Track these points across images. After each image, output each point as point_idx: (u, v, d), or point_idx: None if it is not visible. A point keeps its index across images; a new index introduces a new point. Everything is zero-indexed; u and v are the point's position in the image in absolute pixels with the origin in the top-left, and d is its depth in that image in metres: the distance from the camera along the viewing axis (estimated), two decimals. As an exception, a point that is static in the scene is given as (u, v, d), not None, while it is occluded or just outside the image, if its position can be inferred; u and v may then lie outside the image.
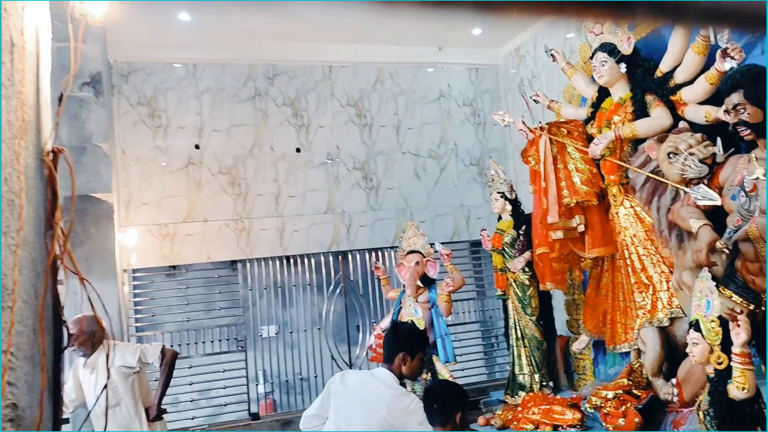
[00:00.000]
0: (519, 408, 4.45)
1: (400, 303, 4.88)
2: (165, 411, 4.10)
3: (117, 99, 5.82)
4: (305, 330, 6.24)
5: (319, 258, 6.35)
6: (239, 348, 5.97)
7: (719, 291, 2.74)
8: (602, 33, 4.23)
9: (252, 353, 6.03)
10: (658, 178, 3.66)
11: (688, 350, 2.69)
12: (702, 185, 3.37)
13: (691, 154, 3.46)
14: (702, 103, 3.72)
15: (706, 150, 3.46)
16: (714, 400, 2.53)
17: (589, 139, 4.33)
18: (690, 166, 3.45)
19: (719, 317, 2.55)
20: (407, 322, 4.30)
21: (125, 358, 3.85)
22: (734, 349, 2.42)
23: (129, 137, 5.84)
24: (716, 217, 3.31)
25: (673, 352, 3.81)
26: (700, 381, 2.91)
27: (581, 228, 4.31)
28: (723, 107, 3.23)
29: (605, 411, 3.78)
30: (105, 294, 4.64)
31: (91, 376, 3.83)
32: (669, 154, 3.56)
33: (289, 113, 6.37)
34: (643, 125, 3.95)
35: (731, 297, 3.15)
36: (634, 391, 3.81)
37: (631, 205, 4.14)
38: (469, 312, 6.80)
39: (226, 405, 5.89)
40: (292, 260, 6.27)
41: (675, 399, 3.40)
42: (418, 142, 6.80)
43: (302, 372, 6.17)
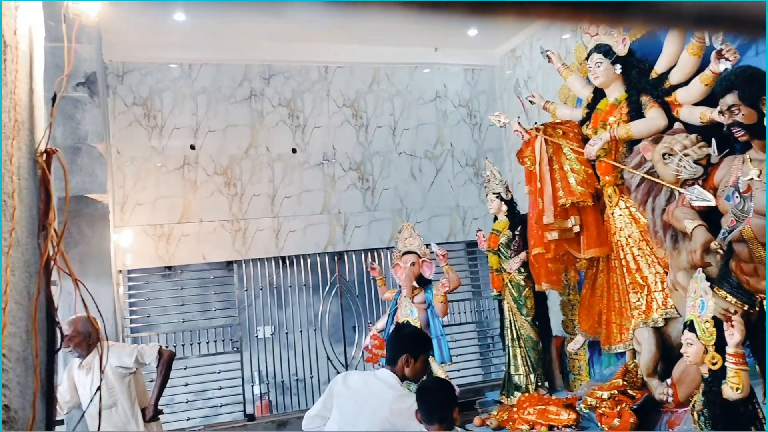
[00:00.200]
0: (514, 408, 4.45)
1: (396, 304, 4.87)
2: (161, 412, 4.09)
3: (112, 99, 5.81)
4: (301, 331, 6.23)
5: (315, 259, 6.35)
6: (235, 349, 5.96)
7: (714, 291, 2.75)
8: (598, 34, 4.24)
9: (248, 354, 6.03)
10: (653, 179, 3.67)
11: (683, 350, 2.70)
12: (697, 186, 3.38)
13: (686, 155, 3.47)
14: (697, 105, 3.73)
15: (701, 151, 3.47)
16: (708, 401, 2.54)
17: (585, 140, 4.34)
18: (685, 167, 3.46)
19: (713, 318, 2.56)
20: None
21: (122, 359, 3.84)
22: (728, 350, 2.42)
23: (124, 138, 5.83)
24: (711, 218, 3.32)
25: (668, 353, 3.82)
26: (695, 381, 2.92)
27: (576, 229, 4.32)
28: (717, 108, 3.24)
29: (600, 411, 3.78)
30: (100, 295, 4.65)
31: (87, 377, 3.81)
32: (664, 155, 3.57)
33: (285, 114, 6.37)
34: (639, 126, 3.96)
35: (726, 297, 3.16)
36: (629, 392, 3.81)
37: (626, 206, 4.14)
38: (465, 312, 6.81)
39: (222, 406, 5.88)
40: (288, 261, 6.26)
41: (670, 399, 3.41)
42: (414, 143, 6.80)
43: (298, 373, 6.17)
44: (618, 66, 4.12)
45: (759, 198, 2.94)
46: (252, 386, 6.04)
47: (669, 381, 3.39)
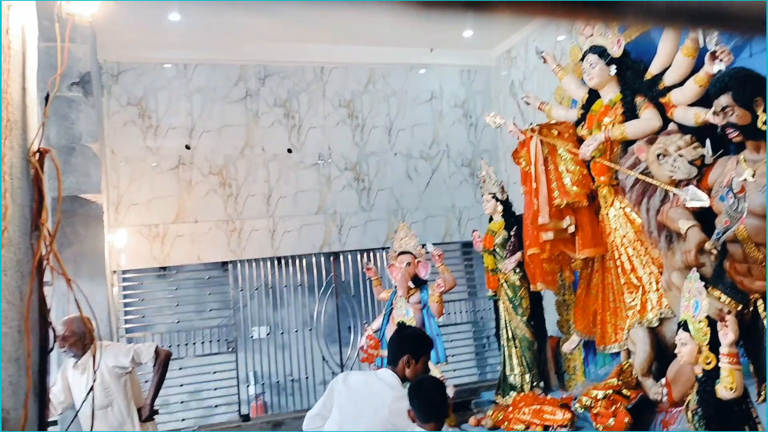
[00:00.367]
0: (510, 408, 4.46)
1: (392, 304, 4.87)
2: (157, 412, 4.08)
3: (107, 99, 5.80)
4: (296, 331, 6.23)
5: (311, 259, 6.35)
6: (230, 349, 5.95)
7: (708, 291, 2.76)
8: (592, 35, 4.25)
9: (243, 354, 6.02)
10: (648, 180, 3.67)
11: (677, 350, 2.70)
12: (691, 186, 3.38)
13: (680, 156, 3.48)
14: (691, 105, 3.74)
15: (695, 152, 3.48)
16: (702, 400, 2.54)
17: (580, 141, 4.34)
18: (679, 168, 3.47)
19: (707, 317, 2.56)
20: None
21: (118, 359, 3.83)
22: (722, 349, 2.43)
23: (119, 138, 5.81)
24: (705, 219, 3.33)
25: (663, 353, 3.83)
26: (689, 381, 2.92)
27: (572, 229, 4.33)
28: (712, 109, 3.24)
29: (595, 411, 3.79)
30: (94, 295, 4.64)
31: (82, 378, 3.80)
32: (658, 156, 3.58)
33: (281, 114, 6.36)
34: (633, 127, 3.97)
35: (720, 297, 3.17)
36: (624, 391, 3.82)
37: (621, 206, 4.16)
38: (461, 312, 6.81)
39: (217, 406, 5.87)
40: (284, 261, 6.26)
41: (664, 399, 3.41)
42: (410, 143, 6.80)
43: (293, 373, 6.16)
44: (613, 67, 4.13)
45: (753, 198, 2.95)
46: (247, 387, 6.03)
47: (664, 381, 3.40)
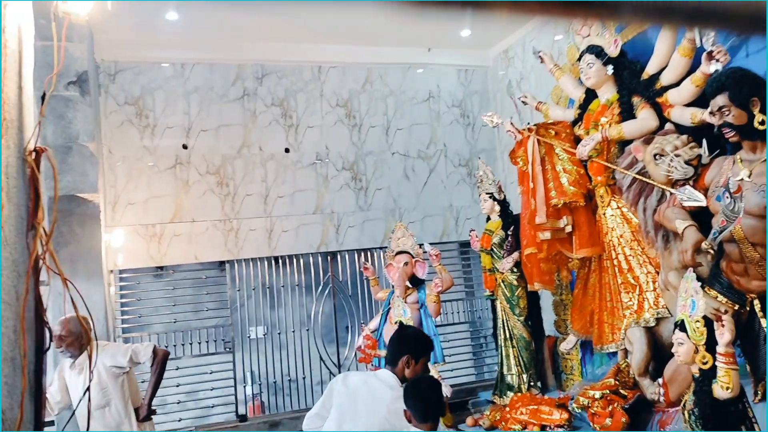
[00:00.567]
0: (507, 408, 4.46)
1: (389, 304, 4.88)
2: (154, 412, 4.08)
3: (104, 98, 5.78)
4: (294, 331, 6.22)
5: (308, 259, 6.34)
6: (227, 349, 5.94)
7: (704, 291, 2.76)
8: (589, 35, 4.25)
9: (240, 354, 6.01)
10: (645, 179, 3.68)
11: (674, 350, 2.71)
12: (688, 186, 3.39)
13: (677, 156, 3.49)
14: (688, 105, 3.75)
15: (692, 151, 3.49)
16: (699, 400, 2.55)
17: (577, 141, 4.35)
18: (676, 168, 3.48)
19: (704, 317, 2.57)
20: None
21: (116, 358, 3.83)
22: (719, 349, 2.44)
23: (116, 137, 5.80)
24: (702, 218, 3.33)
25: (660, 352, 3.84)
26: (686, 381, 2.93)
27: (569, 229, 4.33)
28: (708, 109, 3.25)
29: (592, 411, 3.80)
30: (91, 295, 4.63)
31: (79, 377, 3.80)
32: (655, 156, 3.59)
33: (278, 113, 6.36)
34: (630, 127, 3.98)
35: (716, 297, 3.18)
36: (621, 391, 3.83)
37: (618, 206, 4.16)
38: (458, 312, 6.81)
39: (214, 407, 5.86)
40: (281, 261, 6.25)
41: (661, 399, 3.42)
42: (408, 143, 6.80)
43: (290, 373, 6.15)
44: (610, 67, 4.14)
45: (749, 198, 2.96)
46: (244, 387, 6.02)
47: (660, 380, 3.40)
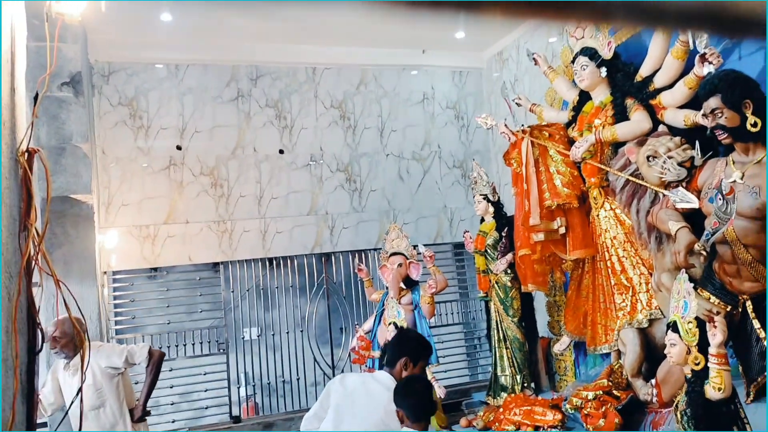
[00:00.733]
0: (500, 409, 4.46)
1: (383, 305, 4.88)
2: (149, 413, 4.07)
3: (98, 99, 5.76)
4: (288, 332, 6.21)
5: (302, 260, 6.34)
6: (221, 350, 5.93)
7: (697, 292, 2.77)
8: (583, 37, 4.27)
9: (234, 356, 5.99)
10: (638, 181, 3.70)
11: (666, 351, 2.71)
12: (680, 188, 3.41)
13: (670, 158, 3.51)
14: (681, 107, 3.76)
15: (685, 153, 3.50)
16: (691, 401, 2.55)
17: (571, 142, 4.36)
18: (669, 169, 3.50)
19: (696, 318, 2.58)
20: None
21: (111, 359, 3.82)
22: (711, 350, 2.44)
23: (110, 138, 5.78)
24: (694, 220, 3.35)
25: (653, 353, 3.85)
26: (679, 382, 2.94)
27: (562, 230, 4.34)
28: (701, 111, 3.27)
29: (585, 412, 3.80)
30: (84, 296, 4.61)
31: (74, 379, 3.78)
32: (648, 158, 3.60)
33: (273, 114, 6.35)
34: (624, 129, 4.00)
35: (709, 299, 3.19)
36: (614, 392, 3.84)
37: (611, 208, 4.17)
38: (452, 314, 6.82)
39: (207, 408, 5.84)
40: (275, 262, 6.24)
41: (654, 399, 3.43)
42: (402, 144, 6.81)
43: (284, 375, 6.14)
44: (603, 69, 4.15)
45: (742, 200, 2.98)
46: (238, 388, 6.01)
47: (653, 381, 3.42)
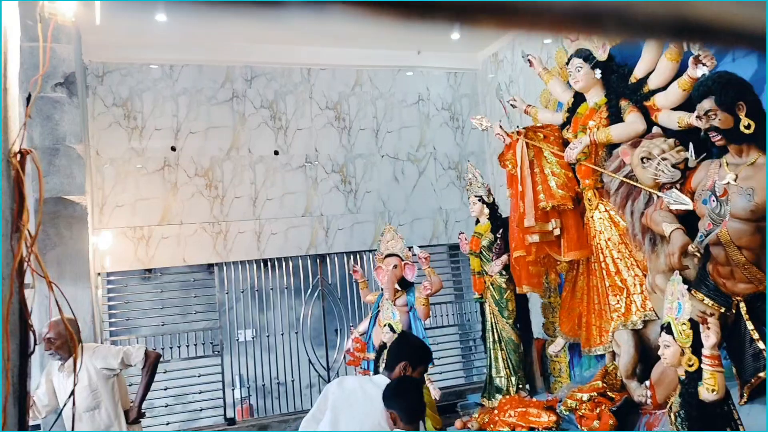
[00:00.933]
0: (495, 411, 4.47)
1: (378, 306, 4.87)
2: (144, 414, 4.06)
3: (92, 100, 5.74)
4: (282, 334, 6.20)
5: (297, 261, 6.33)
6: (215, 352, 5.91)
7: (691, 294, 2.78)
8: (578, 39, 4.28)
9: (228, 357, 5.98)
10: (632, 183, 3.71)
11: (660, 353, 2.72)
12: (674, 190, 3.41)
13: (664, 159, 3.51)
14: (675, 109, 3.78)
15: (679, 155, 3.51)
16: (685, 402, 2.56)
17: (565, 144, 4.37)
18: (663, 171, 3.51)
19: (690, 320, 2.58)
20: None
21: (107, 360, 3.81)
22: (704, 352, 2.45)
23: (104, 139, 5.76)
24: (688, 222, 3.36)
25: (647, 355, 3.86)
26: (673, 383, 2.94)
27: (557, 232, 4.35)
28: (695, 113, 3.28)
29: (580, 413, 3.81)
30: (78, 298, 4.59)
31: (68, 380, 3.77)
32: (642, 159, 3.61)
33: (267, 116, 6.34)
34: (618, 130, 4.01)
35: (703, 300, 3.20)
36: (609, 394, 3.85)
37: (606, 209, 4.18)
38: (447, 315, 6.82)
39: (202, 410, 5.83)
40: (270, 263, 6.23)
41: (648, 401, 3.44)
42: (397, 146, 6.81)
43: (279, 376, 6.13)
44: (598, 71, 4.16)
45: (735, 202, 2.99)
46: (233, 390, 5.99)
47: (648, 383, 3.43)
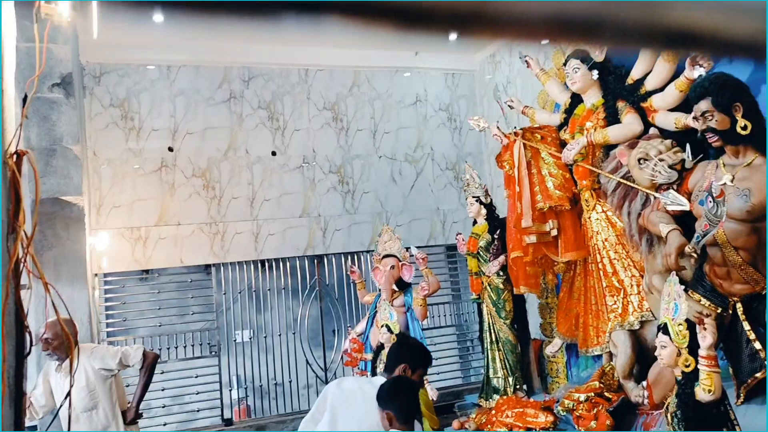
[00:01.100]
0: (493, 411, 4.47)
1: (376, 307, 4.87)
2: (141, 415, 4.06)
3: (89, 100, 5.73)
4: (280, 334, 6.20)
5: (295, 262, 6.32)
6: (213, 353, 5.91)
7: (687, 295, 2.79)
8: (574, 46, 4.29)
9: (226, 358, 5.97)
10: (629, 184, 3.71)
11: (657, 353, 2.73)
12: (671, 191, 3.42)
13: (661, 160, 3.52)
14: (672, 110, 3.79)
15: (676, 156, 3.52)
16: (681, 402, 2.56)
17: (563, 145, 4.38)
18: (660, 172, 3.51)
19: (687, 320, 2.59)
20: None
21: (105, 361, 3.80)
22: (701, 352, 2.45)
23: (101, 139, 5.75)
24: (685, 222, 3.37)
25: (644, 355, 3.87)
26: (670, 383, 2.95)
27: (554, 232, 4.36)
28: (692, 114, 3.29)
29: (577, 413, 3.82)
30: (75, 299, 4.58)
31: (65, 381, 3.76)
32: (639, 160, 3.62)
33: (265, 116, 6.34)
34: (615, 131, 4.02)
35: (699, 301, 3.21)
36: (606, 394, 3.85)
37: (603, 210, 4.19)
38: (445, 316, 6.82)
39: (199, 411, 5.82)
40: (267, 264, 6.22)
41: (645, 401, 3.45)
42: (395, 146, 6.81)
43: (277, 377, 6.12)
44: (595, 72, 4.17)
45: (732, 202, 2.99)
46: (230, 390, 5.99)
47: (645, 383, 3.43)
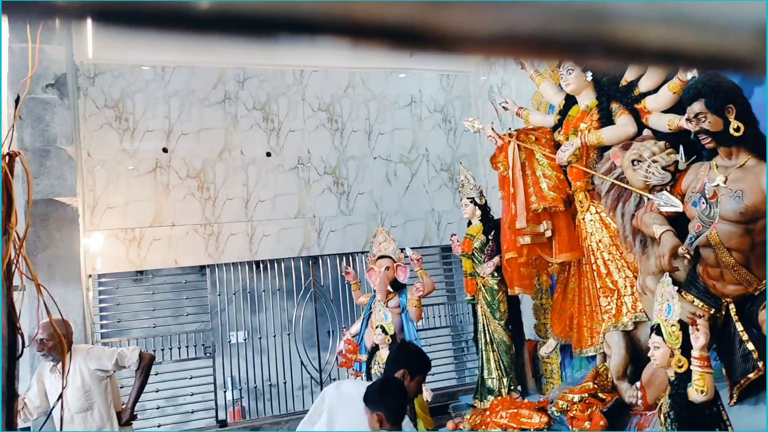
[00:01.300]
0: (487, 412, 4.48)
1: (371, 308, 4.87)
2: (136, 416, 4.05)
3: (83, 101, 5.72)
4: (275, 336, 6.19)
5: (290, 263, 6.32)
6: (207, 354, 5.90)
7: (681, 296, 2.80)
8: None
9: (220, 359, 5.96)
10: (623, 185, 3.72)
11: (650, 354, 2.74)
12: (665, 192, 3.43)
13: (655, 162, 3.53)
14: (665, 112, 3.80)
15: (669, 157, 3.53)
16: (674, 403, 2.57)
17: (557, 146, 4.39)
18: (653, 173, 3.52)
19: (680, 321, 2.60)
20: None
21: (101, 362, 3.79)
22: (693, 353, 2.46)
23: (95, 140, 5.74)
24: (678, 224, 3.38)
25: (638, 356, 3.87)
26: (663, 384, 2.96)
27: (548, 233, 4.37)
28: (685, 116, 3.30)
29: (571, 414, 3.82)
30: (69, 300, 4.57)
31: (60, 382, 3.75)
32: (633, 162, 3.63)
33: (260, 117, 6.33)
34: (609, 133, 4.03)
35: (693, 302, 3.22)
36: (600, 395, 3.86)
37: (597, 211, 4.20)
38: (439, 317, 6.83)
39: (194, 412, 5.81)
40: (262, 265, 6.22)
41: (639, 402, 3.46)
42: (390, 147, 6.81)
43: (271, 378, 6.12)
44: (589, 73, 4.18)
45: (725, 204, 3.01)
46: (225, 392, 5.98)
47: (638, 384, 3.44)
